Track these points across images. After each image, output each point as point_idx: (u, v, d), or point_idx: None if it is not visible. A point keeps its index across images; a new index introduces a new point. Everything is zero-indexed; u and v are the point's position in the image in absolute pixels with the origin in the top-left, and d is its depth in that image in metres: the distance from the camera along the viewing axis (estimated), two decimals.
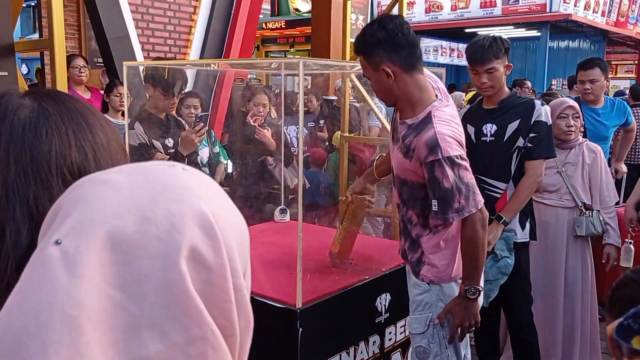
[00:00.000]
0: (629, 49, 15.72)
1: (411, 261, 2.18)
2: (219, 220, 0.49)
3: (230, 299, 0.48)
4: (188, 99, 3.82)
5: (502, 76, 2.67)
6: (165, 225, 0.46)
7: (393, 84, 1.98)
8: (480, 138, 2.74)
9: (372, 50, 1.96)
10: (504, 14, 10.61)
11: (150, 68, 3.48)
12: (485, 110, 2.77)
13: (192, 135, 3.14)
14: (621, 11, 12.28)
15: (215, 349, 0.47)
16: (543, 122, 2.66)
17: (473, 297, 2.03)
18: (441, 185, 1.92)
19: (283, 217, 3.38)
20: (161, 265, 0.45)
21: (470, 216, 1.96)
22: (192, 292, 0.45)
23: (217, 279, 0.47)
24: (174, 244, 0.45)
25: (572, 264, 3.12)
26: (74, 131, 0.64)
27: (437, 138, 1.90)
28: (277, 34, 11.65)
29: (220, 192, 0.53)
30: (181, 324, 0.45)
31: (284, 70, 3.35)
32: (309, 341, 2.15)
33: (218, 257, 0.47)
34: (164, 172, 0.51)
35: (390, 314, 2.53)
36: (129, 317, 0.43)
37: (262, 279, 2.41)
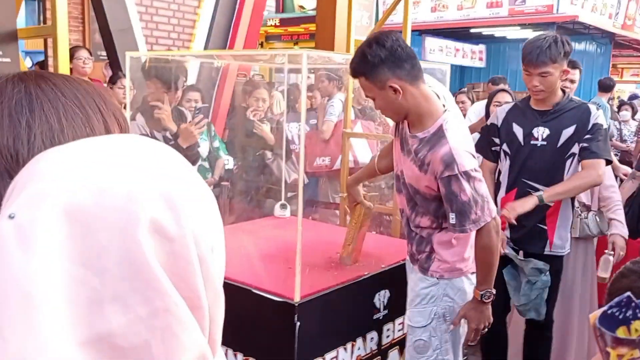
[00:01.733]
0: (636, 52, 15.67)
1: (420, 260, 2.19)
2: (180, 191, 0.48)
3: (195, 269, 0.47)
4: (189, 93, 3.82)
5: (556, 81, 2.55)
6: (123, 196, 0.44)
7: (402, 99, 1.99)
8: (529, 141, 2.63)
9: (376, 69, 1.96)
10: (510, 14, 10.58)
11: (152, 61, 3.47)
12: (537, 112, 2.65)
13: (191, 127, 3.14)
14: (628, 14, 12.24)
15: (181, 321, 0.46)
16: (599, 124, 2.56)
17: (488, 300, 2.08)
18: (459, 199, 1.96)
19: (283, 213, 3.36)
20: (120, 236, 0.43)
21: (485, 225, 2.00)
22: (154, 263, 0.44)
23: (180, 250, 0.46)
24: (132, 214, 0.44)
25: (572, 264, 3.09)
26: (11, 112, 0.60)
27: (453, 154, 1.94)
28: (281, 31, 11.65)
29: (185, 164, 0.52)
30: (143, 296, 0.44)
31: (288, 64, 3.33)
32: (307, 335, 2.14)
33: (180, 227, 0.46)
34: (125, 143, 0.50)
35: (388, 311, 2.52)
36: (89, 291, 0.42)
37: (261, 273, 2.40)
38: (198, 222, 0.49)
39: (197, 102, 3.86)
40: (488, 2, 10.77)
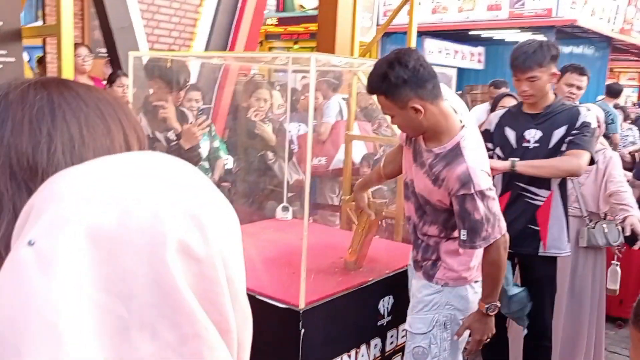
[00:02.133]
0: (633, 56, 15.70)
1: (425, 266, 2.19)
2: (207, 209, 0.46)
3: (224, 291, 0.45)
4: (190, 93, 3.79)
5: (545, 85, 2.58)
6: (148, 217, 0.42)
7: (422, 119, 1.99)
8: (521, 144, 2.66)
9: (398, 90, 1.94)
10: (510, 17, 10.58)
11: (152, 61, 3.43)
12: (529, 115, 2.68)
13: (194, 128, 3.11)
14: (627, 19, 12.26)
15: (211, 347, 0.44)
16: (588, 123, 2.58)
17: (493, 313, 2.10)
18: (472, 217, 1.97)
19: (285, 215, 3.34)
20: (147, 260, 0.41)
21: (495, 241, 2.01)
22: (183, 287, 0.42)
23: (208, 271, 0.44)
24: (159, 236, 0.42)
25: (581, 273, 3.08)
26: (32, 120, 0.57)
27: (470, 173, 1.95)
28: (280, 30, 11.61)
29: (207, 181, 0.50)
30: (172, 322, 0.42)
31: (292, 65, 3.30)
32: (311, 343, 2.11)
33: (208, 247, 0.44)
34: (146, 161, 0.48)
35: (392, 317, 2.50)
36: (115, 319, 0.40)
37: (264, 278, 2.37)
38: (225, 241, 0.47)
39: (198, 101, 3.83)
40: (488, 4, 10.77)
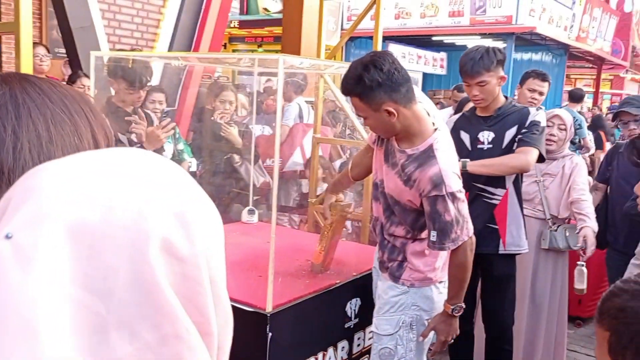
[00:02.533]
0: (588, 63, 16.21)
1: (391, 267, 2.21)
2: (191, 207, 0.45)
3: (206, 292, 0.44)
4: (153, 94, 3.72)
5: (494, 88, 2.64)
6: (132, 214, 0.41)
7: (395, 121, 2.01)
8: (476, 146, 2.72)
9: (372, 92, 1.96)
10: (471, 24, 10.78)
11: (114, 61, 3.36)
12: (481, 118, 2.75)
13: (158, 130, 3.05)
14: (582, 27, 12.64)
15: (191, 349, 0.43)
16: (537, 121, 2.65)
17: (458, 314, 2.13)
18: (442, 219, 2.00)
19: (251, 218, 3.31)
20: (129, 257, 0.40)
21: (462, 243, 2.04)
22: (165, 286, 0.41)
23: (191, 271, 0.43)
24: (142, 233, 0.41)
25: (543, 275, 3.14)
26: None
27: (442, 175, 1.98)
28: (245, 33, 11.55)
29: (191, 180, 0.49)
30: (153, 322, 0.40)
31: (258, 67, 3.28)
32: (278, 346, 2.09)
33: (192, 246, 0.43)
34: (131, 158, 0.46)
35: (359, 319, 2.50)
36: (93, 318, 0.39)
37: (231, 282, 2.34)
38: (209, 240, 0.46)
39: (161, 103, 3.76)
40: (450, 11, 10.95)
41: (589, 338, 4.02)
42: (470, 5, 10.72)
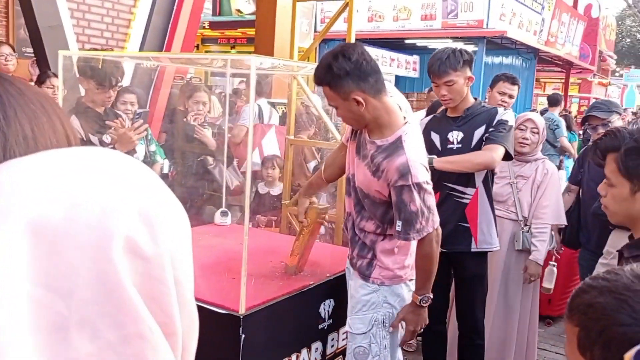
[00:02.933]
0: (557, 67, 16.52)
1: (360, 266, 2.22)
2: (157, 207, 0.44)
3: (170, 292, 0.44)
4: (124, 95, 3.66)
5: (462, 88, 2.70)
6: (96, 212, 0.41)
7: (364, 111, 2.03)
8: (446, 146, 2.77)
9: (341, 81, 1.99)
10: (443, 27, 10.88)
11: (84, 60, 3.30)
12: (450, 119, 2.81)
13: (130, 132, 3.00)
14: (551, 32, 12.88)
15: (154, 348, 0.42)
16: (504, 120, 2.71)
17: (426, 304, 2.17)
18: (408, 209, 2.02)
19: (224, 220, 3.28)
20: (91, 256, 0.40)
21: (427, 235, 2.07)
22: (128, 285, 0.40)
23: (155, 271, 0.43)
24: (106, 232, 0.40)
25: (515, 275, 3.18)
26: None
27: (409, 165, 2.00)
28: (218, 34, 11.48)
29: (158, 180, 0.48)
30: (115, 321, 0.40)
31: (230, 68, 3.26)
32: (251, 348, 2.08)
33: (156, 246, 0.43)
34: (96, 156, 0.46)
35: (333, 320, 2.50)
36: (54, 316, 0.38)
37: (203, 284, 2.32)
38: (174, 241, 0.45)
39: (132, 104, 3.71)
40: (422, 14, 11.04)
41: (559, 337, 4.08)
42: (442, 9, 10.83)
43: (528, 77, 13.64)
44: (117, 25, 5.21)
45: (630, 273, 0.86)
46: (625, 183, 1.40)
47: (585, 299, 0.89)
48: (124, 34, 5.25)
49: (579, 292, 0.92)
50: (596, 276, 0.92)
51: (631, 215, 1.43)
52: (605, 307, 0.84)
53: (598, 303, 0.86)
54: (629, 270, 0.87)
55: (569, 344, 0.90)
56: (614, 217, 1.51)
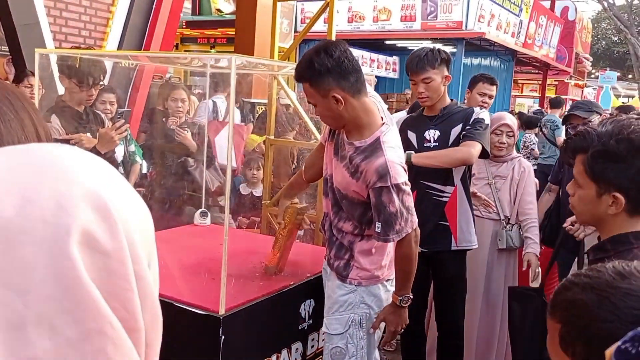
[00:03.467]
0: (535, 69, 16.74)
1: (337, 267, 2.22)
2: (115, 200, 0.44)
3: (132, 287, 0.43)
4: (104, 94, 3.63)
5: (439, 86, 2.72)
6: (51, 207, 0.40)
7: (342, 110, 2.03)
8: (423, 144, 2.78)
9: (321, 78, 1.98)
10: (422, 28, 10.96)
11: (64, 59, 3.26)
12: (427, 117, 2.83)
13: (111, 132, 2.97)
14: (529, 33, 13.05)
15: (116, 344, 0.42)
16: (481, 119, 2.74)
17: (406, 305, 2.17)
18: (387, 210, 2.02)
19: (204, 221, 3.26)
20: (48, 251, 0.39)
21: (406, 235, 2.07)
22: (86, 280, 0.40)
23: (115, 266, 0.42)
24: (62, 227, 0.40)
25: (497, 275, 3.22)
26: None
27: (388, 166, 2.00)
28: (197, 34, 11.41)
29: (116, 174, 0.48)
30: (74, 317, 0.39)
31: (210, 68, 3.24)
32: (231, 349, 2.07)
33: (115, 241, 0.42)
34: (50, 151, 0.45)
35: (313, 320, 2.49)
36: (10, 314, 0.38)
37: (183, 285, 2.31)
38: (134, 234, 0.45)
39: (112, 104, 3.68)
40: (402, 15, 11.11)
41: None
42: (422, 10, 10.90)
43: (506, 78, 13.79)
44: (95, 24, 5.14)
45: (612, 270, 0.87)
46: (592, 185, 1.41)
47: (567, 296, 0.90)
48: (102, 33, 5.19)
49: (561, 289, 0.93)
50: (578, 273, 0.93)
51: (597, 217, 1.44)
52: (587, 304, 0.85)
53: (580, 300, 0.87)
54: (610, 267, 0.88)
55: (551, 340, 0.91)
56: (580, 217, 1.52)
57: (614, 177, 1.37)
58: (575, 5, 18.30)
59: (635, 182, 1.35)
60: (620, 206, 1.37)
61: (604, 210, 1.40)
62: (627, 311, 0.81)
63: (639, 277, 0.85)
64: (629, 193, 1.36)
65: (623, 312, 0.81)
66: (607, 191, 1.38)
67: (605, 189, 1.38)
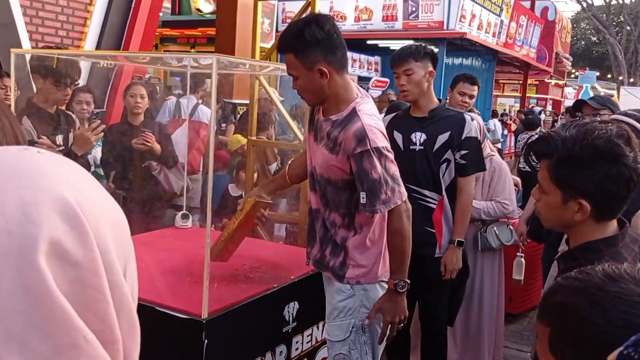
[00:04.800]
0: (515, 69, 16.90)
1: (333, 267, 2.14)
2: (85, 206, 0.41)
3: (106, 298, 0.41)
4: (80, 94, 3.56)
5: (421, 80, 2.69)
6: (17, 216, 0.38)
7: (325, 85, 1.99)
8: (409, 146, 2.76)
9: (310, 49, 1.94)
10: (404, 28, 11.00)
11: (39, 59, 3.19)
12: (414, 119, 2.79)
13: (88, 133, 2.90)
14: (509, 33, 13.17)
15: (91, 358, 0.40)
16: (473, 138, 2.73)
17: (402, 290, 2.04)
18: (370, 176, 1.93)
19: (185, 223, 3.22)
20: (15, 264, 0.37)
21: (396, 208, 1.98)
22: (56, 293, 0.38)
23: (87, 276, 0.40)
24: (29, 237, 0.38)
25: (480, 276, 3.23)
26: None
27: (365, 129, 1.93)
28: (177, 34, 11.32)
29: (88, 176, 0.46)
30: (44, 331, 0.37)
31: (190, 69, 3.20)
32: (215, 353, 2.03)
33: (86, 250, 0.40)
34: (15, 156, 0.43)
35: (297, 323, 2.46)
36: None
37: (164, 289, 2.26)
38: (107, 241, 0.42)
39: (89, 104, 3.60)
40: (384, 15, 11.14)
41: (520, 334, 4.14)
42: (403, 10, 10.94)
43: (487, 78, 13.90)
44: (73, 24, 5.05)
45: (602, 273, 0.86)
46: (557, 191, 1.39)
47: (556, 299, 0.88)
48: (79, 33, 5.10)
49: (550, 292, 0.91)
50: (568, 276, 0.91)
51: (563, 223, 1.43)
52: (577, 308, 0.83)
53: (569, 303, 0.85)
54: (600, 271, 0.87)
55: (540, 344, 0.90)
56: (547, 223, 1.50)
57: (579, 183, 1.35)
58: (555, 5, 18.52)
59: (600, 188, 1.33)
60: (585, 213, 1.36)
61: (570, 217, 1.38)
62: (617, 315, 0.80)
63: (629, 280, 0.84)
64: (595, 199, 1.34)
65: (613, 316, 0.80)
66: (572, 198, 1.36)
67: (571, 196, 1.37)
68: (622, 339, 0.76)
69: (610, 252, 1.35)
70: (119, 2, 5.27)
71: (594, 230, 1.38)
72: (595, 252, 1.36)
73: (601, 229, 1.38)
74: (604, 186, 1.32)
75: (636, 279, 0.84)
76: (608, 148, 1.31)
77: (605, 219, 1.38)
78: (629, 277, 0.84)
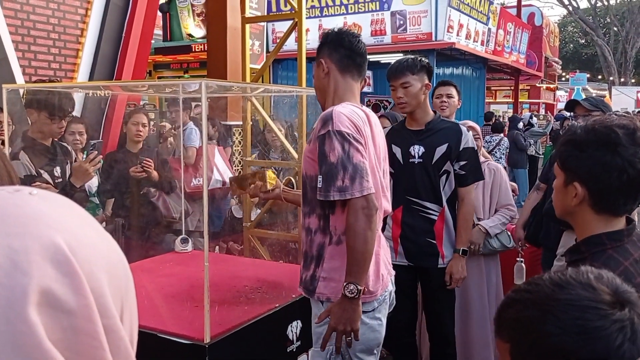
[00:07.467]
0: (506, 75, 16.98)
1: (305, 280, 2.04)
2: (78, 250, 0.40)
3: (102, 344, 0.40)
4: (72, 125, 3.58)
5: (418, 93, 2.72)
6: (5, 267, 0.37)
7: (325, 78, 2.06)
8: (408, 160, 2.79)
9: (320, 47, 2.09)
10: (393, 41, 11.07)
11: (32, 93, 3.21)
12: (411, 132, 2.82)
13: (86, 164, 2.92)
14: (498, 41, 13.25)
15: None
16: (470, 148, 2.77)
17: (352, 296, 1.83)
18: (327, 160, 1.85)
19: (185, 247, 3.22)
20: (4, 316, 0.36)
21: (352, 201, 1.83)
22: (47, 346, 0.37)
23: (81, 323, 0.39)
24: (18, 288, 0.37)
25: (478, 281, 3.22)
26: None
27: (333, 114, 1.90)
28: (170, 59, 11.39)
29: (83, 216, 0.44)
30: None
31: (182, 94, 3.22)
32: None
33: (79, 296, 0.39)
34: (5, 200, 0.42)
35: (301, 342, 2.46)
36: None
37: (166, 314, 2.26)
38: (102, 284, 0.41)
39: (81, 134, 3.62)
40: (372, 30, 11.22)
41: None
42: (392, 24, 11.02)
43: (479, 86, 13.96)
44: (65, 56, 5.08)
45: (549, 282, 0.86)
46: (562, 174, 1.40)
47: (511, 314, 0.88)
48: (72, 64, 5.13)
49: (504, 307, 0.91)
50: (518, 289, 0.92)
51: (566, 210, 1.42)
52: (531, 320, 0.84)
53: (524, 317, 0.85)
54: (548, 279, 0.86)
55: (502, 359, 0.90)
56: (557, 211, 1.48)
57: (574, 165, 1.36)
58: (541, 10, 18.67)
59: (591, 175, 1.32)
60: (580, 198, 1.35)
61: (569, 202, 1.38)
62: (571, 322, 0.80)
63: (576, 285, 0.84)
64: (588, 185, 1.34)
65: (567, 323, 0.80)
66: (572, 181, 1.37)
67: (570, 179, 1.37)
68: (580, 345, 0.77)
69: (614, 247, 1.33)
70: (110, 32, 5.31)
71: (597, 222, 1.36)
72: (598, 246, 1.35)
73: (604, 222, 1.36)
74: (595, 172, 1.31)
75: (583, 283, 0.84)
76: (605, 134, 1.31)
77: (605, 212, 1.36)
78: (576, 283, 0.84)
